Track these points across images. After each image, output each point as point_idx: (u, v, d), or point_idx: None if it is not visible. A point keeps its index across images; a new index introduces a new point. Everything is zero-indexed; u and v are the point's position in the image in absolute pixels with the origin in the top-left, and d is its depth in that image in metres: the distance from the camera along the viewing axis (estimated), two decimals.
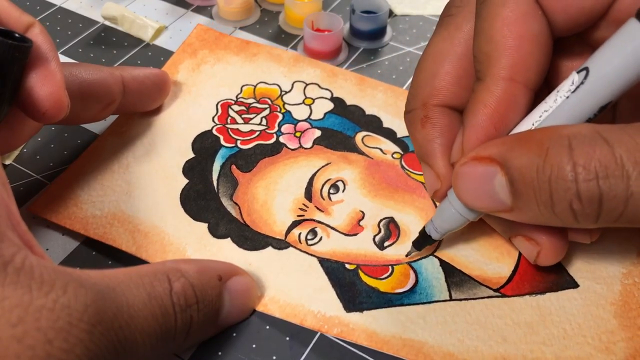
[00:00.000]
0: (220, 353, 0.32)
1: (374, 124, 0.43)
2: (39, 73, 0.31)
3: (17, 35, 0.30)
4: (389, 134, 0.42)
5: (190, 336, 0.29)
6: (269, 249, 0.36)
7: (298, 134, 0.42)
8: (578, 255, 0.35)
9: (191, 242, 0.36)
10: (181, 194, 0.38)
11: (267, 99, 0.44)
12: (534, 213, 0.27)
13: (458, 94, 0.33)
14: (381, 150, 0.41)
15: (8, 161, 0.40)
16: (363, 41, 0.50)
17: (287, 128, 0.42)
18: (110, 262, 0.36)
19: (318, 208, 0.38)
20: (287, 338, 0.32)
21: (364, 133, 0.42)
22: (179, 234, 0.36)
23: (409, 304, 0.34)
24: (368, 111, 0.43)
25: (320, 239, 0.36)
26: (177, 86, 0.45)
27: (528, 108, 0.30)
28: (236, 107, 0.43)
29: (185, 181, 0.39)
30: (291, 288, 0.34)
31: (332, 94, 0.44)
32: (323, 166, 0.40)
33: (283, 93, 0.44)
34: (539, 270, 0.35)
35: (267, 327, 0.33)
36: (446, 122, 0.33)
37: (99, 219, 0.37)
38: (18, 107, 0.32)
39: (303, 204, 0.38)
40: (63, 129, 0.43)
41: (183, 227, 0.37)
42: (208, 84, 0.45)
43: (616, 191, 0.25)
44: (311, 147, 0.41)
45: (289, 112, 0.43)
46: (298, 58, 0.47)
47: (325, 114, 0.43)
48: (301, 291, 0.34)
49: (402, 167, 0.40)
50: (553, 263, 0.33)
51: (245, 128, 0.42)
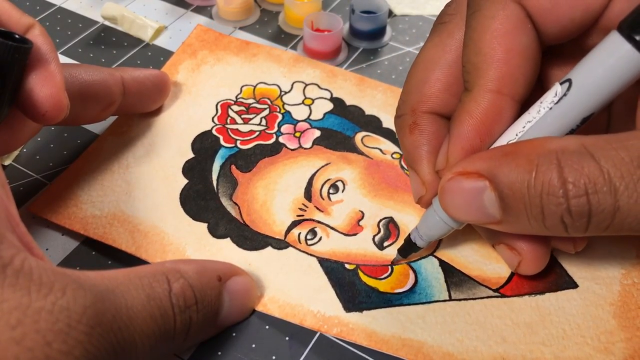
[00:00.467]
0: (220, 353, 0.32)
1: (374, 124, 0.43)
2: (39, 74, 0.31)
3: (17, 36, 0.30)
4: (389, 134, 0.42)
5: (189, 337, 0.29)
6: (269, 249, 0.36)
7: (298, 134, 0.42)
8: (577, 255, 0.35)
9: (191, 242, 0.36)
10: (181, 194, 0.38)
11: (267, 99, 0.44)
12: (524, 225, 0.28)
13: (447, 101, 0.33)
14: (381, 150, 0.41)
15: (8, 162, 0.40)
16: (363, 41, 0.50)
17: (287, 128, 0.42)
18: (110, 262, 0.36)
19: (318, 208, 0.38)
20: (287, 338, 0.33)
21: (364, 133, 0.42)
22: (179, 234, 0.36)
23: (409, 304, 0.34)
24: (367, 111, 0.43)
25: (319, 239, 0.37)
26: (177, 86, 0.45)
27: (514, 120, 0.30)
28: (236, 108, 0.43)
29: (185, 181, 0.39)
30: (291, 288, 0.34)
31: (332, 94, 0.44)
32: (323, 166, 0.40)
33: (283, 93, 0.44)
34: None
35: (267, 327, 0.33)
36: (434, 130, 0.33)
37: (99, 219, 0.37)
38: (18, 108, 0.32)
39: (303, 204, 0.38)
40: (63, 129, 0.43)
41: (183, 227, 0.37)
42: (208, 85, 0.45)
43: (604, 205, 0.25)
44: (311, 147, 0.41)
45: (289, 113, 0.43)
46: (298, 58, 0.47)
47: (324, 114, 0.43)
48: (301, 291, 0.34)
49: (402, 167, 0.40)
50: (533, 273, 0.33)
51: (244, 128, 0.42)
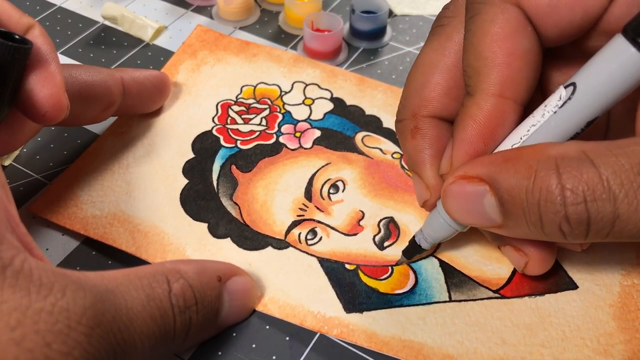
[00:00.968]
0: (220, 353, 0.32)
1: (374, 124, 0.43)
2: (39, 75, 0.31)
3: (17, 37, 0.30)
4: (389, 134, 0.42)
5: (189, 337, 0.29)
6: (269, 249, 0.36)
7: (298, 134, 0.42)
8: (577, 256, 0.35)
9: (191, 242, 0.36)
10: (181, 194, 0.38)
11: (267, 100, 0.44)
12: (524, 230, 0.28)
13: (448, 105, 0.33)
14: (381, 150, 0.41)
15: (8, 162, 0.40)
16: (363, 41, 0.50)
17: (287, 128, 0.42)
18: (110, 262, 0.36)
19: (318, 208, 0.38)
20: (287, 338, 0.33)
21: (364, 133, 0.42)
22: (179, 234, 0.36)
23: (409, 305, 0.34)
24: (368, 111, 0.43)
25: (320, 239, 0.37)
26: (177, 87, 0.45)
27: (517, 123, 0.30)
28: (236, 108, 0.43)
29: (185, 181, 0.39)
30: (291, 288, 0.34)
31: (332, 94, 0.44)
32: (323, 166, 0.40)
33: (283, 93, 0.44)
34: None
35: (267, 327, 0.33)
36: (435, 133, 0.33)
37: (99, 219, 0.37)
38: (18, 109, 0.32)
39: (303, 204, 0.38)
40: (63, 129, 0.43)
41: (183, 227, 0.37)
42: (208, 85, 0.45)
43: (603, 213, 0.25)
44: (311, 147, 0.41)
45: (289, 113, 0.43)
46: (298, 58, 0.47)
47: (325, 114, 0.43)
48: (301, 291, 0.34)
49: (402, 167, 0.40)
50: (540, 273, 0.33)
51: (245, 128, 0.42)
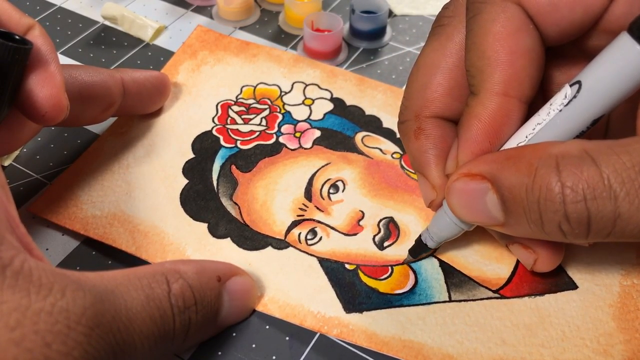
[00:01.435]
0: (220, 353, 0.32)
1: (374, 124, 0.43)
2: (39, 75, 0.31)
3: (17, 37, 0.30)
4: (389, 134, 0.42)
5: (189, 337, 0.29)
6: (269, 249, 0.36)
7: (298, 134, 0.42)
8: (577, 256, 0.35)
9: (191, 242, 0.36)
10: (181, 194, 0.38)
11: (267, 100, 0.44)
12: (525, 229, 0.28)
13: (450, 105, 0.33)
14: (381, 150, 0.41)
15: (7, 162, 0.40)
16: (363, 41, 0.50)
17: (287, 128, 0.42)
18: (110, 262, 0.36)
19: (318, 208, 0.38)
20: (287, 338, 0.33)
21: (364, 133, 0.42)
22: (179, 234, 0.36)
23: (409, 305, 0.34)
24: (368, 111, 0.43)
25: (320, 239, 0.37)
26: (177, 87, 0.45)
27: (522, 121, 0.30)
28: (236, 108, 0.43)
29: (185, 181, 0.39)
30: (291, 288, 0.34)
31: (332, 95, 0.44)
32: (323, 166, 0.40)
33: (283, 94, 0.44)
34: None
35: (267, 327, 0.33)
36: (439, 134, 0.33)
37: (99, 219, 0.37)
38: (18, 109, 0.32)
39: (303, 204, 0.38)
40: (63, 130, 0.43)
41: (183, 227, 0.37)
42: (208, 85, 0.45)
43: (604, 212, 0.24)
44: (311, 147, 0.41)
45: (289, 113, 0.43)
46: (298, 59, 0.47)
47: (325, 115, 0.43)
48: (301, 291, 0.34)
49: (402, 167, 0.40)
50: (550, 269, 0.33)
51: (245, 128, 0.42)
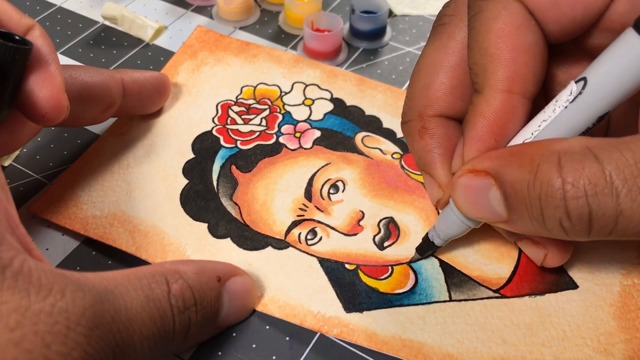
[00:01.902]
0: (220, 353, 0.32)
1: (374, 125, 0.43)
2: (39, 75, 0.31)
3: (17, 37, 0.30)
4: (389, 135, 0.42)
5: (189, 337, 0.29)
6: (269, 249, 0.36)
7: (298, 135, 0.42)
8: (578, 256, 0.35)
9: (191, 242, 0.36)
10: (181, 194, 0.38)
11: (267, 100, 0.44)
12: (528, 226, 0.27)
13: (454, 104, 0.33)
14: (381, 150, 0.41)
15: (7, 162, 0.40)
16: (363, 41, 0.50)
17: (287, 129, 0.42)
18: (110, 262, 0.36)
19: (318, 208, 0.38)
20: (287, 338, 0.33)
21: (364, 133, 0.42)
22: (179, 234, 0.36)
23: (409, 305, 0.34)
24: (368, 112, 0.43)
25: (320, 239, 0.37)
26: (177, 87, 0.45)
27: (527, 118, 0.30)
28: (236, 108, 0.43)
29: (185, 181, 0.39)
30: (291, 288, 0.34)
31: (332, 95, 0.44)
32: (323, 166, 0.40)
33: (283, 94, 0.44)
34: (539, 271, 0.35)
35: (267, 327, 0.33)
36: (444, 132, 0.33)
37: (99, 219, 0.37)
38: (18, 109, 0.32)
39: (303, 204, 0.38)
40: (63, 130, 0.43)
41: (183, 227, 0.37)
42: (208, 85, 0.45)
43: (605, 209, 0.24)
44: (311, 148, 0.41)
45: (289, 113, 0.43)
46: (298, 59, 0.47)
47: (325, 115, 0.43)
48: (301, 291, 0.34)
49: (402, 167, 0.40)
50: (560, 264, 0.33)
51: (245, 129, 0.42)
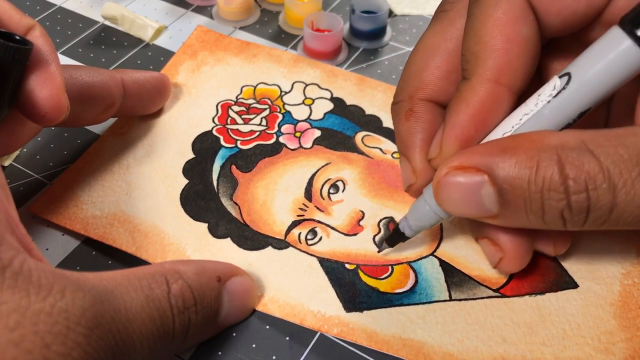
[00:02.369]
0: (220, 353, 0.32)
1: (374, 124, 0.43)
2: (39, 75, 0.31)
3: (18, 37, 0.30)
4: (389, 134, 0.42)
5: (189, 338, 0.29)
6: (269, 249, 0.36)
7: (298, 134, 0.42)
8: (578, 255, 0.35)
9: (191, 242, 0.36)
10: (181, 194, 0.38)
11: (267, 100, 0.44)
12: (522, 220, 0.28)
13: (445, 89, 0.33)
14: (381, 150, 0.41)
15: (7, 162, 0.40)
16: (363, 41, 0.50)
17: (287, 128, 0.42)
18: (110, 262, 0.36)
19: (318, 208, 0.38)
20: (287, 338, 0.33)
21: (364, 133, 0.42)
22: (179, 234, 0.36)
23: (409, 304, 0.34)
24: (368, 111, 0.43)
25: (320, 239, 0.37)
26: (177, 87, 0.45)
27: (509, 112, 0.30)
28: (236, 108, 0.43)
29: (185, 181, 0.39)
30: (291, 288, 0.34)
31: (332, 94, 0.44)
32: (323, 166, 0.40)
33: (283, 93, 0.44)
34: (539, 270, 0.35)
35: (267, 327, 0.33)
36: (430, 118, 0.33)
37: (99, 219, 0.37)
38: (18, 109, 0.32)
39: (303, 204, 0.38)
40: (63, 130, 0.43)
41: (183, 227, 0.37)
42: (208, 85, 0.45)
43: (603, 202, 0.26)
44: (311, 147, 0.41)
45: (289, 113, 0.43)
46: (298, 59, 0.47)
47: (325, 114, 0.43)
48: (301, 291, 0.34)
49: None
50: (513, 271, 0.33)
51: (245, 128, 0.42)
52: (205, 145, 0.41)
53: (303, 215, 0.38)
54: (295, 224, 0.37)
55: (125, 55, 0.49)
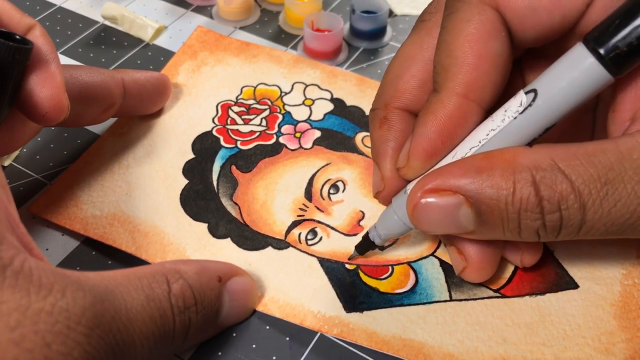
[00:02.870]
0: (220, 353, 0.32)
1: None
2: (39, 75, 0.31)
3: (18, 37, 0.30)
4: None
5: (189, 337, 0.29)
6: (269, 249, 0.36)
7: (298, 135, 0.42)
8: (578, 256, 0.35)
9: (191, 242, 0.36)
10: (181, 195, 0.38)
11: (267, 100, 0.44)
12: (498, 235, 0.29)
13: (420, 98, 0.33)
14: None
15: (7, 162, 0.40)
16: (363, 41, 0.50)
17: (287, 129, 0.42)
18: (110, 262, 0.36)
19: (318, 208, 0.38)
20: (287, 338, 0.33)
21: (364, 133, 0.42)
22: (179, 234, 0.36)
23: (409, 304, 0.34)
24: (368, 112, 0.43)
25: (320, 239, 0.37)
26: (178, 88, 0.45)
27: (477, 126, 0.30)
28: (236, 108, 0.43)
29: (185, 181, 0.39)
30: (291, 288, 0.34)
31: (332, 95, 0.44)
32: (323, 166, 0.40)
33: (283, 94, 0.44)
34: (539, 271, 0.35)
35: (267, 327, 0.33)
36: (402, 127, 0.33)
37: (99, 219, 0.37)
38: (18, 109, 0.32)
39: (303, 204, 0.38)
40: (63, 130, 0.43)
41: (183, 227, 0.37)
42: (208, 85, 0.45)
43: (574, 220, 0.27)
44: (311, 148, 0.41)
45: (289, 113, 0.43)
46: (298, 59, 0.47)
47: (325, 115, 0.43)
48: (301, 291, 0.34)
49: None
50: (476, 281, 0.34)
51: (245, 129, 0.42)
52: (205, 145, 0.41)
53: (303, 215, 0.38)
54: (295, 224, 0.37)
55: (125, 55, 0.49)
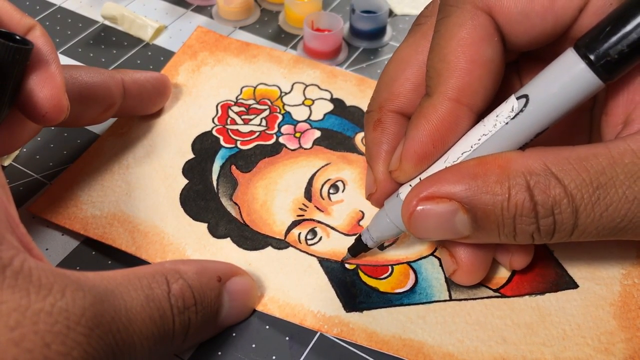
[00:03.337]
0: (220, 353, 0.32)
1: None
2: (39, 75, 0.31)
3: (18, 37, 0.30)
4: None
5: (189, 337, 0.29)
6: (269, 249, 0.36)
7: (298, 135, 0.42)
8: (578, 256, 0.35)
9: (191, 242, 0.36)
10: (181, 195, 0.38)
11: (267, 100, 0.44)
12: (493, 239, 0.29)
13: (414, 101, 0.33)
14: None
15: (7, 162, 0.40)
16: (363, 41, 0.50)
17: (287, 129, 0.42)
18: (110, 262, 0.36)
19: (318, 208, 0.38)
20: (287, 338, 0.33)
21: (364, 134, 0.42)
22: (179, 234, 0.36)
23: (409, 304, 0.34)
24: None
25: (320, 239, 0.37)
26: (177, 88, 0.45)
27: (468, 130, 0.31)
28: (236, 108, 0.43)
29: (185, 181, 0.39)
30: (291, 288, 0.34)
31: (332, 95, 0.45)
32: (323, 166, 0.40)
33: (283, 94, 0.44)
34: (539, 270, 0.35)
35: (267, 327, 0.33)
36: (396, 130, 0.34)
37: (99, 219, 0.37)
38: (18, 109, 0.32)
39: (303, 204, 0.38)
40: (63, 130, 0.43)
41: (183, 227, 0.37)
42: (208, 86, 0.45)
43: (567, 224, 0.27)
44: (311, 148, 0.41)
45: (289, 113, 0.43)
46: (298, 59, 0.47)
47: (325, 115, 0.43)
48: (301, 291, 0.34)
49: None
50: (466, 284, 0.34)
51: (245, 129, 0.42)
52: (205, 145, 0.41)
53: (303, 215, 0.38)
54: (295, 224, 0.37)
55: (125, 55, 0.49)
